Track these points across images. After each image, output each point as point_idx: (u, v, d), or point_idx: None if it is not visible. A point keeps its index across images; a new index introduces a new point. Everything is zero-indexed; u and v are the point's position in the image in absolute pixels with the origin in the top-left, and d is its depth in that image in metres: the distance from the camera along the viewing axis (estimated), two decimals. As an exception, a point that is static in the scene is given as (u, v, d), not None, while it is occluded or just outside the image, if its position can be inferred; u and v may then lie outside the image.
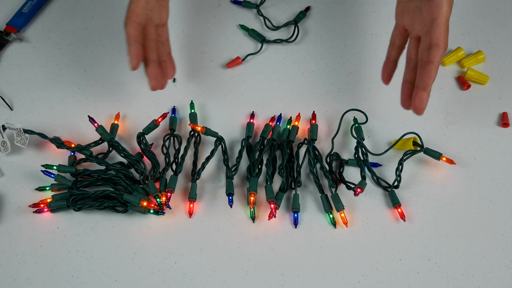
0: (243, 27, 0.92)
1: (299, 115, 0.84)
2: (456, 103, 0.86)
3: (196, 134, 0.83)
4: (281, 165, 0.79)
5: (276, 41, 0.91)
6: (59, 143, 0.79)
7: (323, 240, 0.76)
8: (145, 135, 0.81)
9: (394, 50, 0.77)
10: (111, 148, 0.80)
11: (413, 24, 0.74)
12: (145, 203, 0.75)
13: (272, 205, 0.76)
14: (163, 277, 0.74)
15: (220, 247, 0.75)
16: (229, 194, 0.77)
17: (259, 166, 0.80)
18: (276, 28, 0.92)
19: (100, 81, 0.87)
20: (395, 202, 0.77)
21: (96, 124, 0.81)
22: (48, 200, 0.77)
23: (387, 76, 0.78)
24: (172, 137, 0.82)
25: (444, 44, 0.71)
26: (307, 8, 0.94)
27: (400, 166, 0.79)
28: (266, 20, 0.93)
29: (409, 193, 0.79)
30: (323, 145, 0.83)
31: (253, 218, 0.77)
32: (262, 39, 0.90)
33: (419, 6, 0.73)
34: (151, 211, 0.76)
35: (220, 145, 0.81)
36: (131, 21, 0.74)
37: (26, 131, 0.80)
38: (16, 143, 0.79)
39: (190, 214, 0.77)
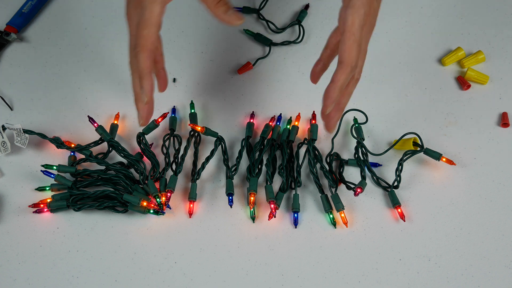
0: (248, 32, 0.91)
1: (299, 115, 0.84)
2: (456, 103, 0.86)
3: (196, 134, 0.83)
4: (281, 165, 0.79)
5: (284, 43, 0.91)
6: (59, 143, 0.79)
7: (323, 240, 0.76)
8: (145, 135, 0.81)
9: (326, 51, 0.71)
10: (110, 148, 0.80)
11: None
12: (145, 203, 0.75)
13: (272, 205, 0.76)
14: (163, 277, 0.74)
15: (220, 247, 0.75)
16: (229, 194, 0.77)
17: (259, 166, 0.80)
18: (281, 30, 0.92)
19: (100, 81, 0.87)
20: (395, 202, 0.77)
21: (96, 124, 0.81)
22: (48, 200, 0.77)
23: (314, 76, 0.72)
24: (172, 137, 0.82)
25: (348, 61, 0.63)
26: (307, 6, 0.94)
27: (400, 166, 0.79)
28: (269, 23, 0.92)
29: (409, 193, 0.79)
30: (323, 145, 0.83)
31: (253, 218, 0.77)
32: (269, 43, 0.90)
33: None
34: (151, 211, 0.76)
35: (220, 145, 0.81)
36: (145, 50, 0.65)
37: (26, 131, 0.80)
38: (16, 143, 0.79)
39: (190, 214, 0.77)
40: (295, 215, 0.77)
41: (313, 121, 0.83)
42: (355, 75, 0.67)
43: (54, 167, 0.78)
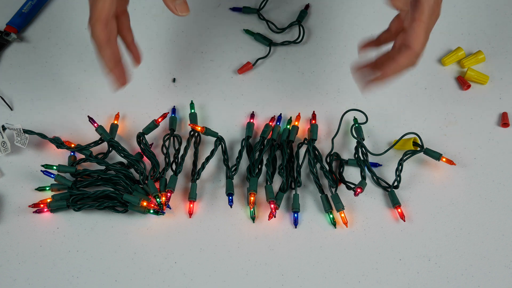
0: (248, 31, 0.92)
1: (299, 115, 0.84)
2: (456, 103, 0.86)
3: (196, 134, 0.83)
4: (281, 165, 0.79)
5: (284, 43, 0.91)
6: (58, 143, 0.80)
7: (323, 240, 0.76)
8: (145, 135, 0.81)
9: (386, 33, 0.73)
10: (110, 148, 0.80)
11: (405, 16, 0.70)
12: (145, 203, 0.75)
13: (272, 205, 0.76)
14: (163, 277, 0.74)
15: (220, 247, 0.75)
16: (229, 194, 0.77)
17: (259, 166, 0.80)
18: (281, 30, 0.92)
19: (100, 81, 0.87)
20: (395, 202, 0.77)
21: (96, 124, 0.81)
22: (48, 200, 0.77)
23: (363, 47, 0.73)
24: (172, 137, 0.82)
25: (416, 47, 0.66)
26: (307, 6, 0.94)
27: (400, 166, 0.79)
28: (269, 23, 0.92)
29: (409, 193, 0.79)
30: (323, 145, 0.83)
31: (253, 218, 0.77)
32: (269, 43, 0.90)
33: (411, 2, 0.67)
34: (151, 211, 0.76)
35: (220, 145, 0.81)
36: (99, 22, 0.68)
37: (26, 131, 0.80)
38: (16, 143, 0.80)
39: (190, 214, 0.77)
40: (295, 215, 0.77)
41: (313, 121, 0.83)
42: (416, 61, 0.68)
43: (54, 167, 0.78)
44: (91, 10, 0.69)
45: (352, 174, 0.81)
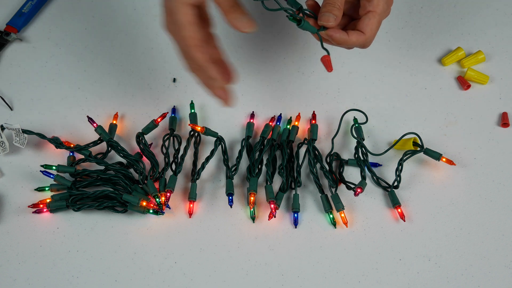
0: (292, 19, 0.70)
1: (299, 115, 0.84)
2: (456, 103, 0.86)
3: (196, 134, 0.83)
4: (281, 165, 0.79)
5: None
6: (57, 143, 0.79)
7: (323, 240, 0.76)
8: (144, 135, 0.81)
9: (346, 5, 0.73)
10: (110, 148, 0.80)
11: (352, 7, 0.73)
12: (144, 203, 0.75)
13: (272, 205, 0.76)
14: (163, 277, 0.74)
15: (220, 247, 0.75)
16: (229, 194, 0.77)
17: (259, 166, 0.80)
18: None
19: (100, 81, 0.87)
20: (395, 202, 0.77)
21: (95, 124, 0.81)
22: (48, 201, 0.77)
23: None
24: (171, 137, 0.82)
25: (368, 34, 0.71)
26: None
27: (400, 166, 0.79)
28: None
29: (409, 193, 0.79)
30: (323, 145, 0.83)
31: (253, 218, 0.77)
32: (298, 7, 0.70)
33: None
34: (151, 211, 0.76)
35: (220, 145, 0.81)
36: (194, 47, 0.66)
37: (25, 131, 0.80)
38: (14, 143, 0.79)
39: (190, 214, 0.77)
40: (295, 215, 0.77)
41: (313, 121, 0.83)
42: (366, 45, 0.73)
43: (54, 167, 0.78)
44: (180, 42, 0.67)
45: (352, 174, 0.81)
